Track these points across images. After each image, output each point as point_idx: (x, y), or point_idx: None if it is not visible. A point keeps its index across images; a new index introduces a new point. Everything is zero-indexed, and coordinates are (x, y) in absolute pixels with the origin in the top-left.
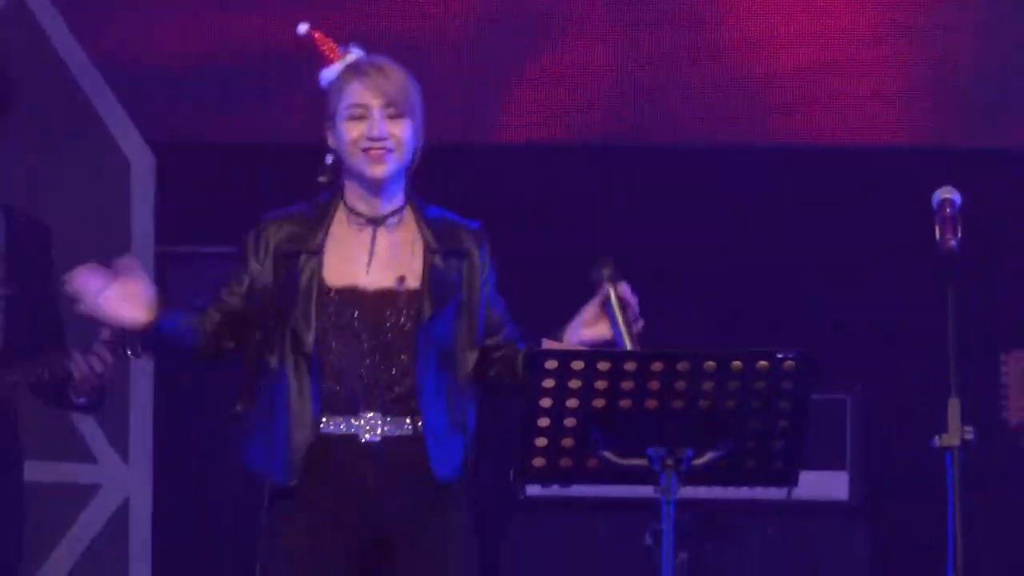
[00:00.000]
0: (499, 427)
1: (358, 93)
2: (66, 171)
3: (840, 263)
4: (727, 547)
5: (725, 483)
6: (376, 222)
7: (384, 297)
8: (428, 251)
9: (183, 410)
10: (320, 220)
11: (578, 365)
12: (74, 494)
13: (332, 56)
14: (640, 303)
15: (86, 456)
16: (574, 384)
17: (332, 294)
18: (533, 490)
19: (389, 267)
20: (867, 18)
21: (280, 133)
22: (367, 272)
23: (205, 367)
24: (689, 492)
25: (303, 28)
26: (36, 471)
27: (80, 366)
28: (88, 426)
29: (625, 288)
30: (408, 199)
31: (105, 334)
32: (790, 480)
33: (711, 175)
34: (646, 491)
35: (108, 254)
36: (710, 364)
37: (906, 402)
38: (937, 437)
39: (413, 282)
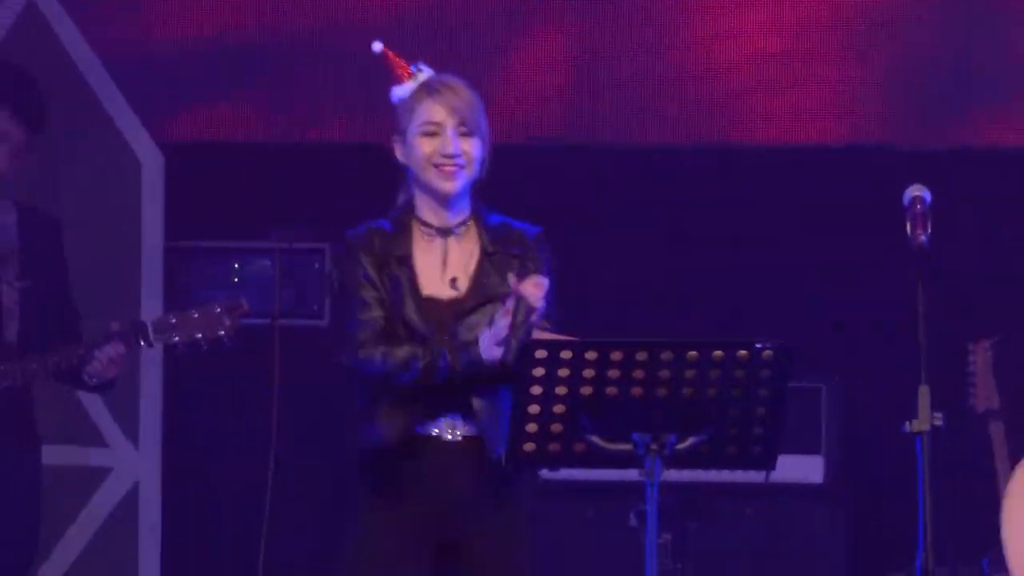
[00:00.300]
0: None
1: (432, 111)
2: (80, 171)
3: (814, 260)
4: (708, 528)
5: (706, 467)
6: (445, 233)
7: (455, 304)
8: (483, 255)
9: (191, 397)
10: (400, 232)
11: (567, 355)
12: (86, 477)
13: (403, 74)
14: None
15: (98, 440)
16: (563, 373)
17: (427, 302)
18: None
19: (456, 275)
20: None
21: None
22: (442, 280)
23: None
24: (672, 475)
25: (377, 47)
26: (50, 454)
27: (96, 357)
28: (99, 412)
29: (524, 284)
30: (473, 208)
31: (115, 326)
32: (768, 464)
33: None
34: (631, 475)
35: (120, 250)
36: (692, 354)
37: (878, 390)
38: (908, 423)
39: (463, 286)
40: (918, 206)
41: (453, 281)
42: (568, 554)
